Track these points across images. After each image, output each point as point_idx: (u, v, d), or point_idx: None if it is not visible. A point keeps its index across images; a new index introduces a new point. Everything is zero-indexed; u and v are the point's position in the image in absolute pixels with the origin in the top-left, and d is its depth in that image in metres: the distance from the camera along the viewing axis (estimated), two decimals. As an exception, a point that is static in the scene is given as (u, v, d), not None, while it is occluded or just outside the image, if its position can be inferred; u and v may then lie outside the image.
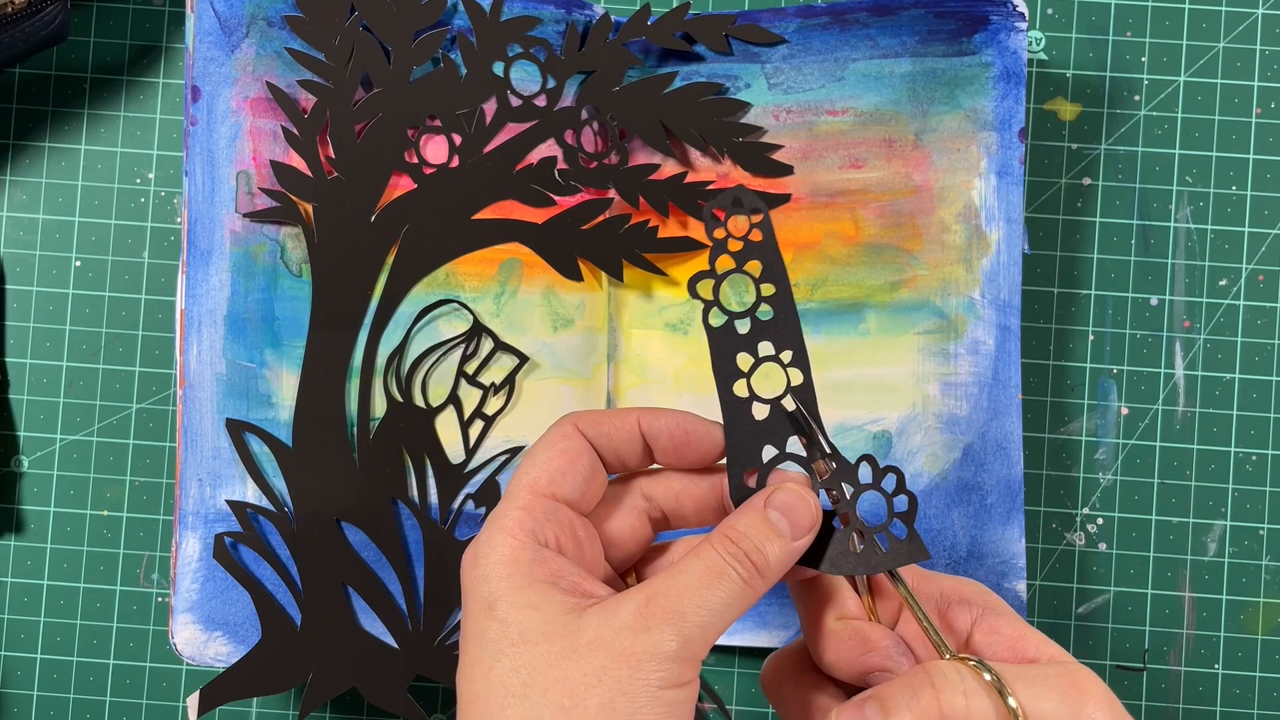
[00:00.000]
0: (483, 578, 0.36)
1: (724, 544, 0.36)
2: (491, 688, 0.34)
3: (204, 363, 0.49)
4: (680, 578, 0.35)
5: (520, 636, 0.34)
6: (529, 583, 0.35)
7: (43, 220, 0.53)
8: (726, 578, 0.35)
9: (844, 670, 0.38)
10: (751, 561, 0.36)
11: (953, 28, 0.49)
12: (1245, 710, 0.52)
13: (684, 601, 0.35)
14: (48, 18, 0.49)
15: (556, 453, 0.38)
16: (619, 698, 0.33)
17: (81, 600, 0.52)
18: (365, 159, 0.49)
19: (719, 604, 0.35)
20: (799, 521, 0.37)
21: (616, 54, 0.49)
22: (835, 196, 0.50)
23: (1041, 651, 0.37)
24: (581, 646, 0.34)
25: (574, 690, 0.33)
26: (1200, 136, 0.53)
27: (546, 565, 0.36)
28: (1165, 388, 0.52)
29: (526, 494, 0.37)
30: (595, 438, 0.39)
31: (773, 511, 0.37)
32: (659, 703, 0.34)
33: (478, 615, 0.36)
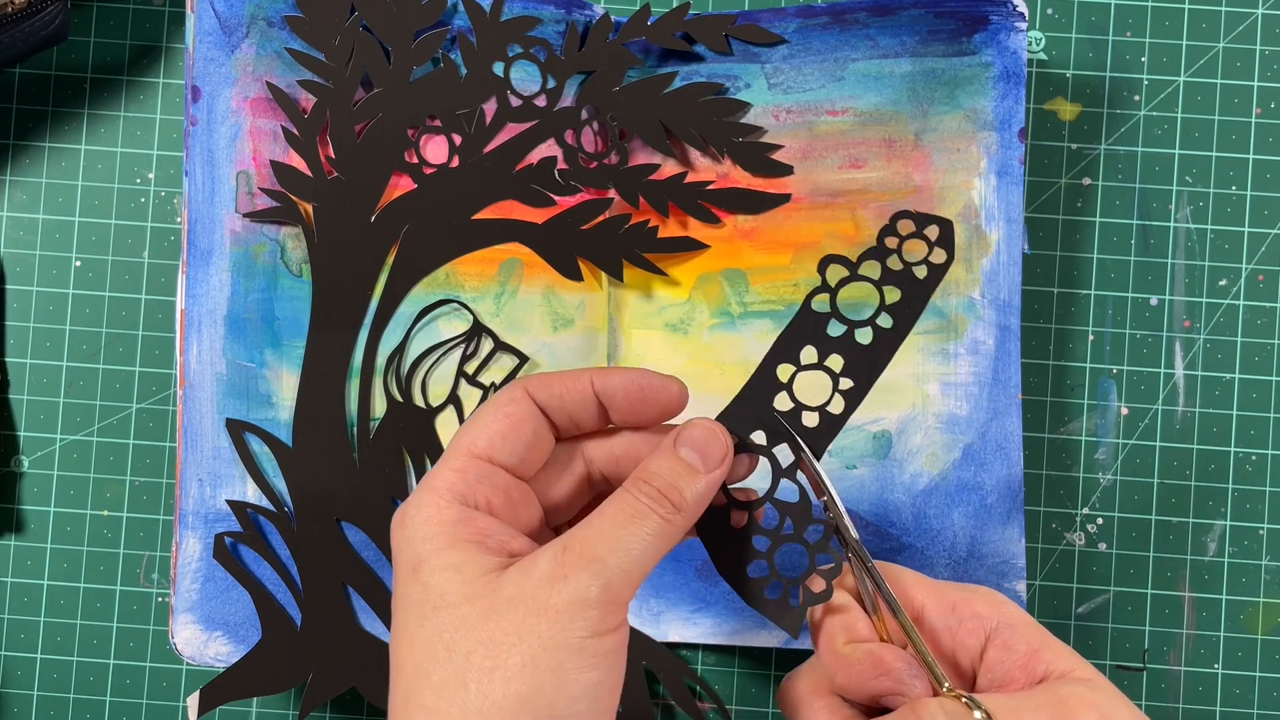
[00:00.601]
0: (408, 539, 0.35)
1: (638, 485, 0.36)
2: (416, 653, 0.34)
3: (204, 363, 0.49)
4: (596, 524, 0.35)
5: (442, 599, 0.34)
6: (453, 543, 0.35)
7: (43, 220, 0.53)
8: (643, 517, 0.35)
9: (857, 693, 0.38)
10: (668, 499, 0.35)
11: (953, 28, 0.49)
12: (1245, 710, 0.52)
13: (601, 546, 0.34)
14: (48, 18, 0.49)
15: (500, 416, 0.37)
16: (540, 654, 0.33)
17: (81, 600, 0.52)
18: (365, 159, 0.49)
19: (638, 545, 0.35)
20: (710, 454, 0.37)
21: (616, 54, 0.49)
22: (835, 196, 0.50)
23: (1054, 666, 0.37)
24: (501, 605, 0.34)
25: (495, 651, 0.33)
26: (1200, 136, 0.53)
27: (473, 524, 0.35)
28: (1165, 388, 0.52)
29: (462, 457, 0.37)
30: (546, 401, 0.38)
31: (684, 448, 0.37)
32: (584, 654, 0.33)
33: (404, 578, 0.35)
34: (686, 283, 0.51)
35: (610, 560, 0.34)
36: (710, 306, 0.50)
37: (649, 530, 0.35)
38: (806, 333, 0.39)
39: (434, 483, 0.36)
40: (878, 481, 0.50)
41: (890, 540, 0.50)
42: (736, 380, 0.50)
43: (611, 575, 0.34)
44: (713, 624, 0.50)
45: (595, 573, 0.34)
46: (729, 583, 0.39)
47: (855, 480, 0.50)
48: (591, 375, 0.39)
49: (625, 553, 0.34)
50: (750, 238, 0.50)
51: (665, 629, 0.50)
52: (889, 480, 0.50)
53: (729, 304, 0.50)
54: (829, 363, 0.39)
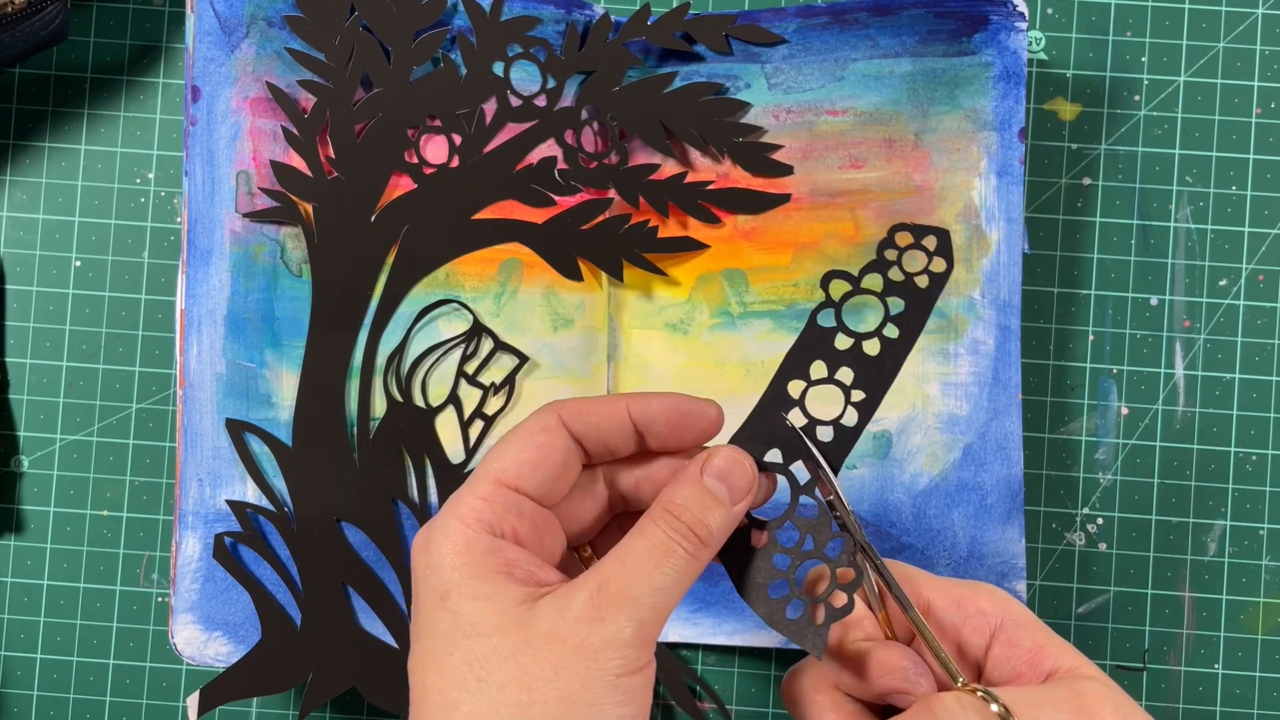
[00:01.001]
0: (435, 566, 0.35)
1: (666, 519, 0.36)
2: (445, 681, 0.34)
3: (204, 363, 0.49)
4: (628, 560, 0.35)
5: (473, 628, 0.34)
6: (483, 573, 0.35)
7: (43, 220, 0.53)
8: (672, 554, 0.35)
9: (863, 690, 0.38)
10: (695, 534, 0.35)
11: (953, 28, 0.49)
12: (1245, 710, 0.52)
13: (634, 585, 0.34)
14: (48, 18, 0.49)
15: (532, 445, 0.37)
16: (578, 690, 0.33)
17: (81, 600, 0.52)
18: (365, 159, 0.49)
19: (668, 582, 0.35)
20: (737, 485, 0.37)
21: (616, 54, 0.49)
22: (835, 196, 0.50)
23: (1060, 663, 0.37)
24: (536, 639, 0.34)
25: (531, 685, 0.33)
26: (1200, 136, 0.53)
27: (501, 555, 0.35)
28: (1165, 388, 0.52)
29: (490, 484, 0.36)
30: (582, 430, 0.38)
31: (709, 479, 0.37)
32: (618, 691, 0.33)
33: (429, 606, 0.35)
34: (686, 283, 0.51)
35: (645, 601, 0.34)
36: (710, 306, 0.50)
37: (676, 567, 0.35)
38: (814, 348, 0.39)
39: (460, 510, 0.36)
40: (878, 481, 0.50)
41: (890, 540, 0.50)
42: (736, 380, 0.50)
43: (644, 615, 0.34)
44: (713, 624, 0.50)
45: (630, 614, 0.34)
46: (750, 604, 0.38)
47: (855, 480, 0.50)
48: (628, 403, 0.38)
49: (657, 592, 0.34)
50: (750, 238, 0.50)
51: (665, 629, 0.50)
52: (889, 480, 0.50)
53: (729, 304, 0.50)
54: (839, 376, 0.39)
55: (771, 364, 0.50)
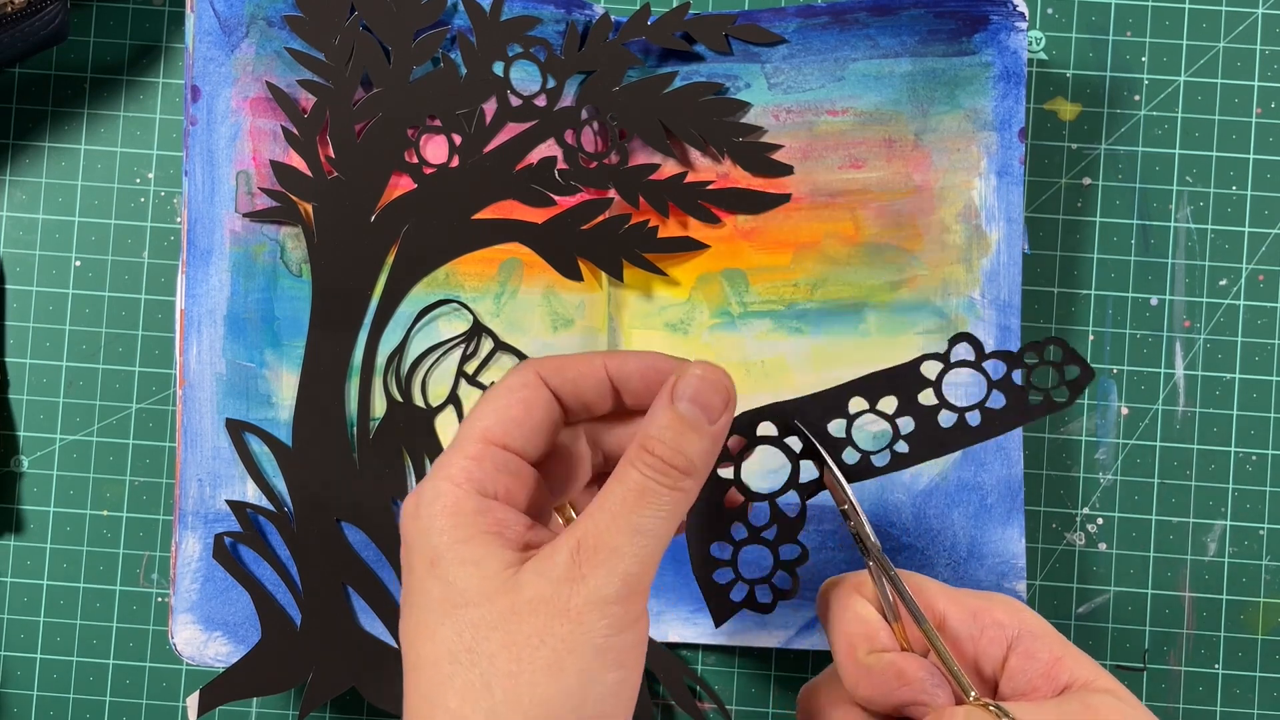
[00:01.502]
0: (424, 530, 0.34)
1: (641, 457, 0.34)
2: (437, 652, 0.33)
3: (204, 363, 0.49)
4: (606, 510, 0.34)
5: (462, 597, 0.33)
6: (472, 535, 0.34)
7: (43, 220, 0.53)
8: (653, 494, 0.34)
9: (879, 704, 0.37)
10: (674, 467, 0.34)
11: (953, 27, 0.49)
12: (1245, 710, 0.52)
13: (615, 536, 0.33)
14: (48, 18, 0.49)
15: (514, 401, 0.36)
16: (565, 656, 0.32)
17: (81, 600, 0.52)
18: (365, 159, 0.49)
19: (652, 525, 0.33)
20: (710, 403, 0.35)
21: (616, 54, 0.49)
22: (835, 196, 0.50)
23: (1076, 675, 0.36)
24: (522, 606, 0.33)
25: (519, 654, 0.32)
26: (1200, 136, 0.53)
27: (491, 515, 0.34)
28: (1165, 388, 0.52)
29: (477, 443, 0.35)
30: (559, 385, 0.37)
31: (681, 403, 0.35)
32: (607, 654, 0.33)
33: (420, 572, 0.34)
34: (686, 283, 0.51)
35: (626, 550, 0.33)
36: (710, 306, 0.50)
37: (661, 507, 0.34)
38: (899, 385, 0.38)
39: (449, 470, 0.35)
40: (877, 481, 0.50)
41: (890, 540, 0.50)
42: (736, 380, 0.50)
43: (628, 566, 0.33)
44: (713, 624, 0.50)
45: (611, 568, 0.33)
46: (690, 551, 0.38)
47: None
48: (604, 359, 0.37)
49: (639, 537, 0.33)
50: (750, 238, 0.50)
51: (665, 629, 0.50)
52: (889, 480, 0.50)
53: (729, 304, 0.50)
54: (900, 421, 0.38)
55: (771, 364, 0.50)
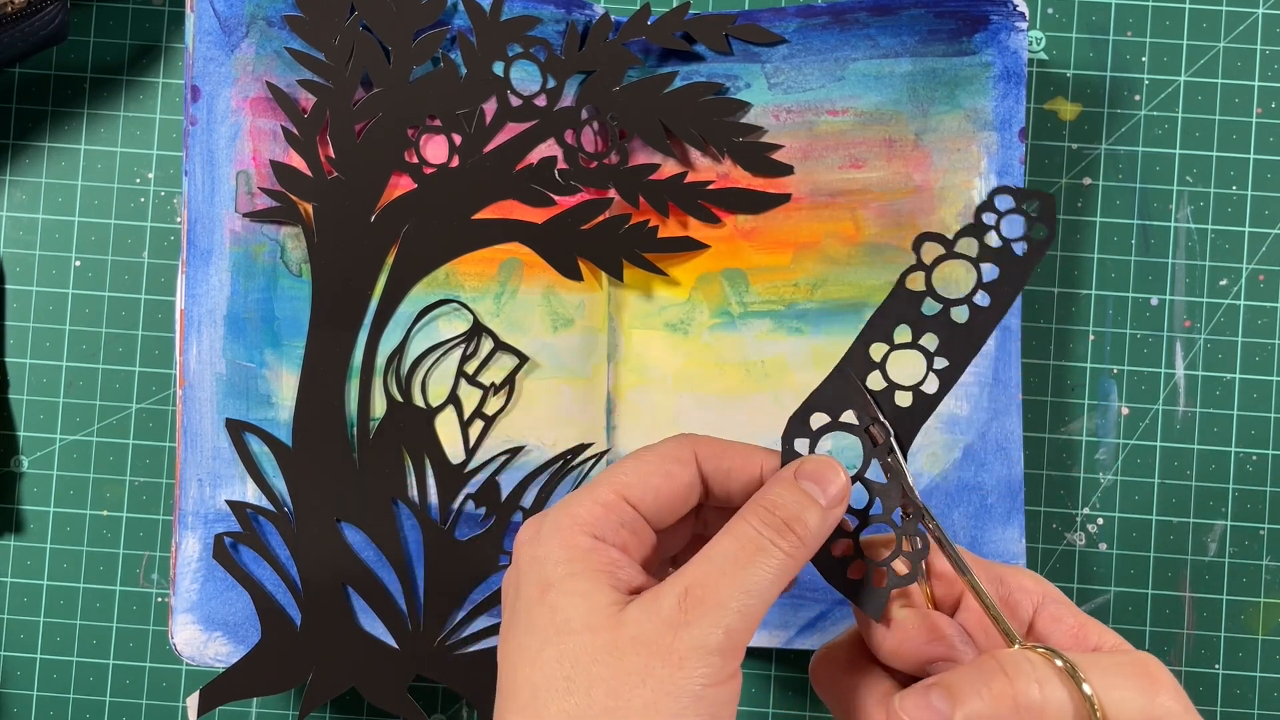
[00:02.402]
0: (539, 558, 0.35)
1: (759, 514, 0.35)
2: (536, 678, 0.34)
3: (204, 363, 0.49)
4: (716, 561, 0.34)
5: (566, 625, 0.34)
6: (584, 570, 0.34)
7: (43, 220, 0.53)
8: (765, 553, 0.34)
9: (906, 659, 0.37)
10: (793, 531, 0.35)
11: (953, 27, 0.49)
12: (1245, 710, 0.52)
13: (723, 589, 0.33)
14: (48, 18, 0.49)
15: (661, 471, 0.37)
16: (663, 699, 0.32)
17: (81, 600, 0.52)
18: (365, 159, 0.49)
19: (760, 584, 0.34)
20: (830, 489, 0.36)
21: (616, 54, 0.49)
22: (835, 196, 0.50)
23: (1104, 640, 0.36)
24: (624, 643, 0.33)
25: (618, 690, 0.33)
26: (1200, 136, 0.53)
27: (605, 554, 0.35)
28: (1165, 388, 0.52)
29: (612, 494, 0.36)
30: (711, 472, 0.38)
31: (804, 481, 0.36)
32: (703, 702, 0.33)
33: (530, 598, 0.35)
34: (686, 283, 0.51)
35: (732, 605, 0.33)
36: (710, 306, 0.50)
37: (771, 568, 0.34)
38: (900, 311, 0.38)
39: (576, 510, 0.36)
40: (878, 481, 0.50)
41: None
42: (736, 380, 0.50)
43: (733, 621, 0.33)
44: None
45: (717, 619, 0.33)
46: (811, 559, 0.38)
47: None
48: (764, 459, 0.38)
49: (746, 595, 0.33)
50: (750, 238, 0.50)
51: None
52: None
53: (729, 304, 0.50)
54: (924, 341, 0.38)
55: (771, 364, 0.50)
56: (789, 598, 0.50)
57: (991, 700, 0.33)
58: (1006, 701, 0.33)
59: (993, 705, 0.33)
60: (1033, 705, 0.32)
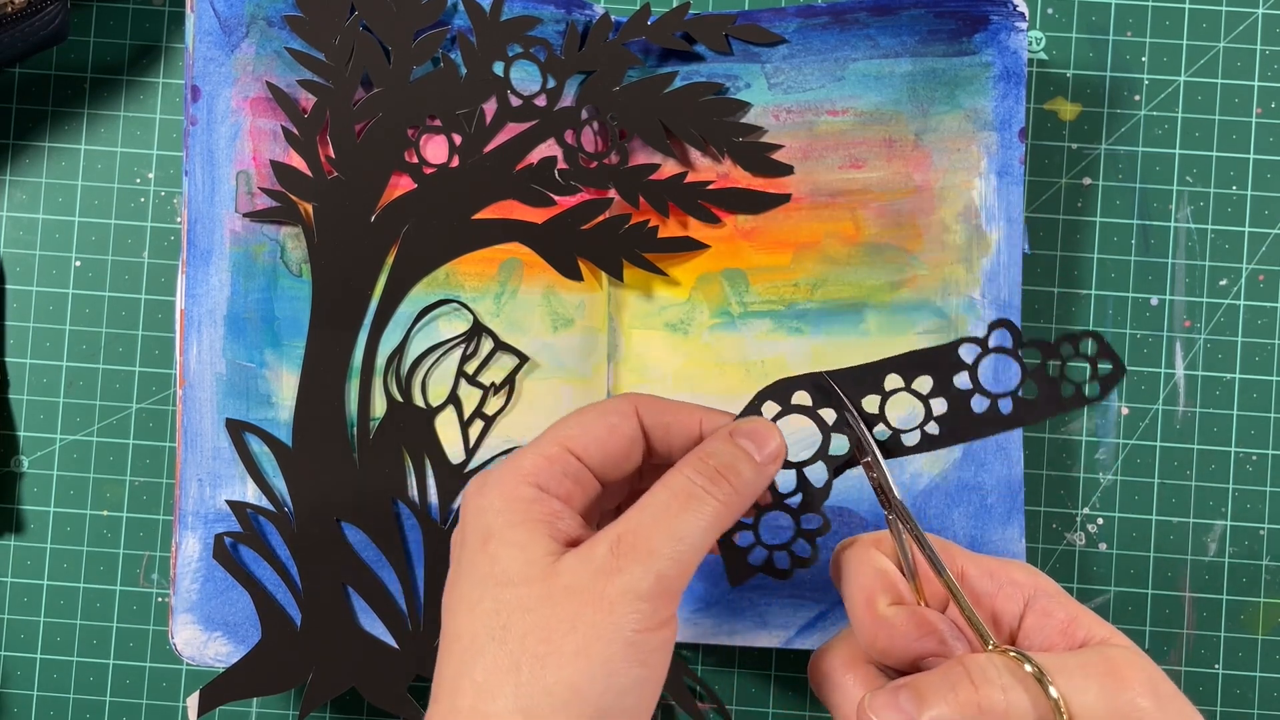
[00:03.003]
0: (483, 508, 0.36)
1: (693, 464, 0.36)
2: (474, 626, 0.35)
3: (204, 363, 0.49)
4: (650, 509, 0.35)
5: (504, 575, 0.35)
6: (523, 520, 0.35)
7: (43, 220, 0.53)
8: (698, 500, 0.35)
9: (897, 656, 0.37)
10: (726, 480, 0.35)
11: (953, 27, 0.49)
12: (1245, 710, 0.52)
13: (654, 536, 0.34)
14: (48, 18, 0.49)
15: (603, 424, 0.38)
16: (594, 643, 0.33)
17: (81, 600, 0.52)
18: (365, 159, 0.49)
19: (692, 531, 0.35)
20: (765, 447, 0.37)
21: (616, 54, 0.49)
22: (835, 196, 0.50)
23: (1093, 633, 0.37)
24: (558, 591, 0.34)
25: (549, 637, 0.33)
26: (1200, 136, 0.53)
27: (545, 505, 0.36)
28: (1165, 388, 0.52)
29: (555, 446, 0.37)
30: (652, 426, 0.39)
31: (741, 438, 0.37)
32: (634, 648, 0.33)
33: (472, 547, 0.36)
34: (686, 283, 0.51)
35: (663, 551, 0.34)
36: (710, 306, 0.50)
37: (704, 515, 0.35)
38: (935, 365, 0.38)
39: (520, 462, 0.37)
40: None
41: (890, 540, 0.50)
42: (736, 380, 0.50)
43: (664, 567, 0.34)
44: (713, 624, 0.50)
45: (648, 565, 0.34)
46: None
47: (855, 480, 0.50)
48: (703, 415, 0.39)
49: (678, 541, 0.34)
50: (750, 238, 0.50)
51: (665, 629, 0.50)
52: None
53: (729, 304, 0.50)
54: (933, 401, 0.39)
55: (771, 364, 0.50)
56: (789, 597, 0.50)
57: (957, 705, 0.34)
58: (971, 707, 0.33)
59: (958, 710, 0.34)
60: (996, 710, 0.33)
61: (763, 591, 0.50)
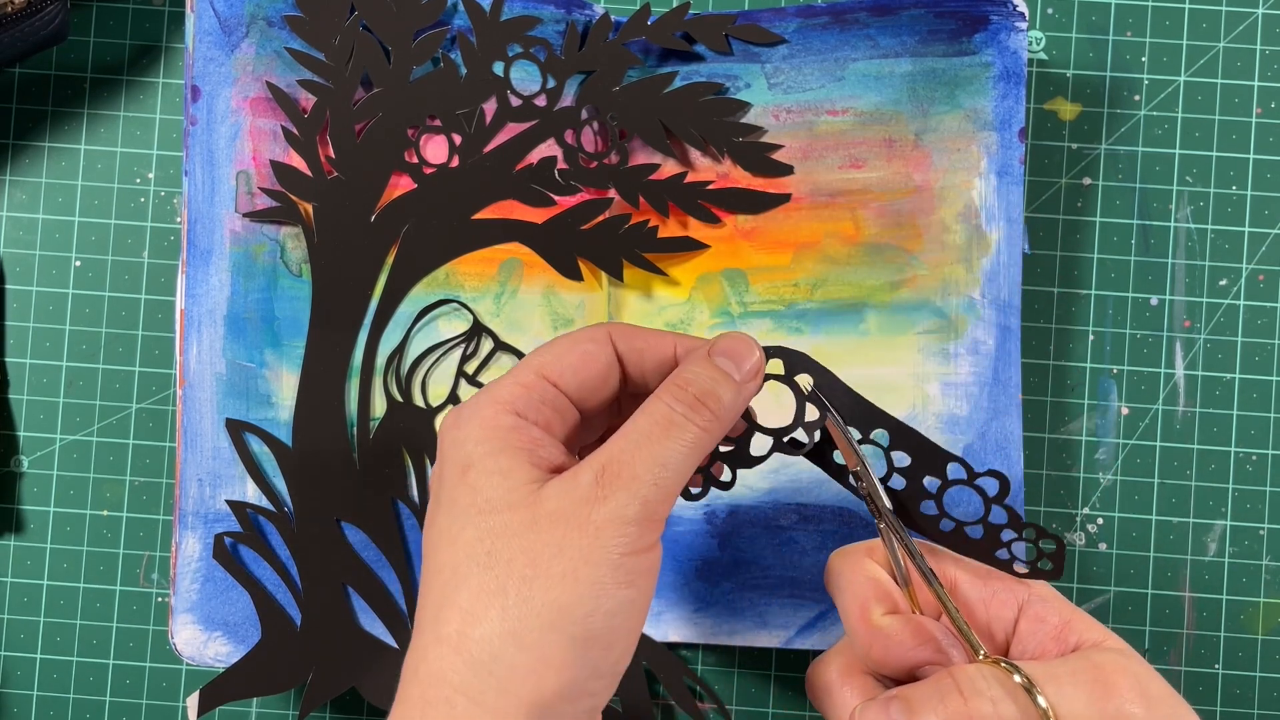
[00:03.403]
0: (459, 440, 0.36)
1: (673, 392, 0.36)
2: (457, 556, 0.34)
3: (204, 363, 0.49)
4: (632, 438, 0.35)
5: (487, 504, 0.35)
6: (503, 448, 0.35)
7: (43, 220, 0.53)
8: (679, 427, 0.35)
9: (894, 665, 0.37)
10: (706, 406, 0.36)
11: (953, 27, 0.49)
12: (1245, 710, 0.52)
13: (638, 463, 0.34)
14: (48, 18, 0.49)
15: (577, 351, 0.38)
16: (580, 566, 0.33)
17: (81, 600, 0.52)
18: (365, 159, 0.49)
19: (674, 457, 0.35)
20: (745, 363, 0.37)
21: (616, 54, 0.49)
22: (835, 196, 0.50)
23: (1086, 637, 0.37)
24: (543, 518, 0.34)
25: (536, 560, 0.34)
26: (1200, 136, 0.53)
27: (525, 433, 0.36)
28: (1165, 388, 0.52)
29: (530, 373, 0.37)
30: (626, 351, 0.39)
31: (719, 357, 0.37)
32: (620, 570, 0.34)
33: (452, 479, 0.36)
34: (686, 283, 0.51)
35: (647, 477, 0.34)
36: (710, 306, 0.50)
37: (686, 441, 0.35)
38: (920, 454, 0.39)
39: (496, 392, 0.37)
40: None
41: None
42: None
43: (648, 493, 0.34)
44: (713, 624, 0.50)
45: (633, 491, 0.34)
46: None
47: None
48: (676, 340, 0.39)
49: (661, 468, 0.34)
50: (750, 238, 0.50)
51: (665, 629, 0.50)
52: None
53: (729, 304, 0.50)
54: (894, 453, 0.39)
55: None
56: (789, 597, 0.50)
57: (946, 717, 0.34)
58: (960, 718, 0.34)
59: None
60: None
61: (763, 591, 0.50)
